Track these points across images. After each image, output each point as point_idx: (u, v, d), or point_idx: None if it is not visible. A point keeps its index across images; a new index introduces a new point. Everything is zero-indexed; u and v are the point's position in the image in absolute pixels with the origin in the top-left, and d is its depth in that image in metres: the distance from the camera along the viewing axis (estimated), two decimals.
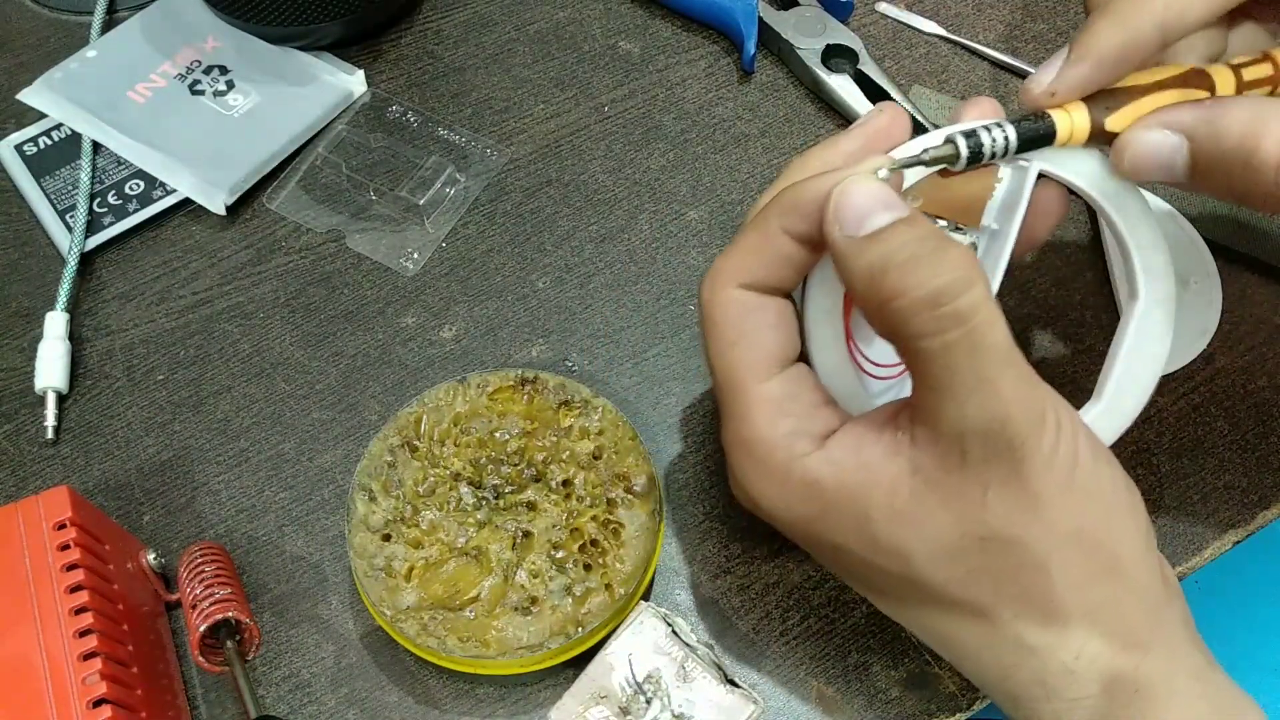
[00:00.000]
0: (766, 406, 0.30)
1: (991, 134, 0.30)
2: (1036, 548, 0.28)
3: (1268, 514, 0.43)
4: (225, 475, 0.44)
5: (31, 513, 0.35)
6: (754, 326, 0.31)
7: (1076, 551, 0.28)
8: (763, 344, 0.31)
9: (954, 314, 0.26)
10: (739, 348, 0.31)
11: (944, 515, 0.28)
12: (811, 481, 0.29)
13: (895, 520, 0.29)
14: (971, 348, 0.26)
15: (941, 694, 0.39)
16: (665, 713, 0.34)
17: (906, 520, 0.28)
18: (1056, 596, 0.28)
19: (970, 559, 0.28)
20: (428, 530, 0.39)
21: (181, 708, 0.38)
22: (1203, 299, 0.48)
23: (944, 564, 0.29)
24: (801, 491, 0.30)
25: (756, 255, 0.31)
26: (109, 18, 0.57)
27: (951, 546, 0.28)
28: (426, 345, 0.47)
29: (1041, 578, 0.28)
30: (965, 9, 0.58)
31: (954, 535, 0.28)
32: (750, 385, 0.30)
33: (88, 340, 0.47)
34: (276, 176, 0.52)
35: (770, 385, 0.30)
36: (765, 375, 0.30)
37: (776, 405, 0.30)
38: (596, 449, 0.41)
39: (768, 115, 0.54)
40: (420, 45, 0.57)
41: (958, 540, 0.28)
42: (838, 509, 0.29)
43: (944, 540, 0.28)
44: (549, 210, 0.51)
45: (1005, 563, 0.28)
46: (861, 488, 0.29)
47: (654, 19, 0.57)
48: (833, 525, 0.30)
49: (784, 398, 0.30)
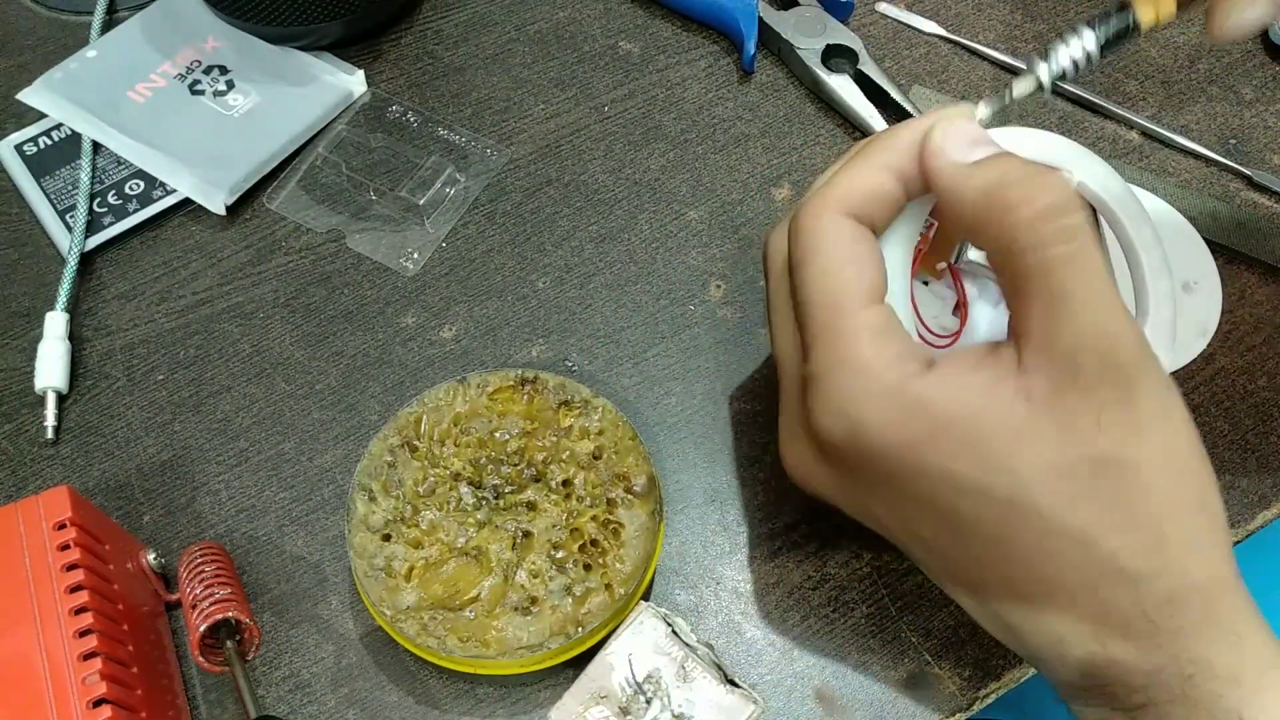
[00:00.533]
0: (874, 332, 0.30)
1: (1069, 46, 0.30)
2: (1143, 472, 0.28)
3: (1268, 514, 0.43)
4: (225, 475, 0.44)
5: (31, 513, 0.35)
6: (862, 253, 0.31)
7: (1176, 479, 0.28)
8: (869, 272, 0.30)
9: (1072, 227, 0.27)
10: (848, 271, 0.30)
11: (1058, 436, 0.28)
12: (926, 401, 0.29)
13: (1010, 438, 0.28)
14: (1086, 263, 0.27)
15: (941, 694, 0.39)
16: (665, 713, 0.34)
17: (1021, 438, 0.28)
18: (1158, 522, 0.28)
19: (1080, 482, 0.28)
20: (428, 530, 0.39)
21: (181, 708, 0.38)
22: (1203, 299, 0.48)
23: (1054, 484, 0.28)
24: (913, 411, 0.29)
25: (860, 189, 0.31)
26: (109, 18, 0.57)
27: (1063, 467, 0.28)
28: (426, 345, 0.47)
29: (1146, 503, 0.28)
30: (965, 9, 0.58)
31: (1067, 456, 0.28)
32: (857, 308, 0.30)
33: (88, 340, 0.47)
34: (276, 176, 0.52)
35: (877, 309, 0.30)
36: (871, 301, 0.30)
37: (884, 331, 0.30)
38: (596, 449, 0.41)
39: (768, 115, 0.54)
40: (420, 45, 0.57)
41: (1071, 461, 0.28)
42: (949, 429, 0.28)
43: (1057, 460, 0.28)
44: (549, 210, 0.51)
45: (1113, 486, 0.28)
46: (974, 408, 0.28)
47: (654, 19, 0.57)
48: (943, 447, 0.29)
49: (889, 324, 0.30)
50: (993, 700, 0.40)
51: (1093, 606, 0.29)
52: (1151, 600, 0.28)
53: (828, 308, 0.30)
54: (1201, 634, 0.28)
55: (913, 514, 0.31)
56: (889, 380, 0.29)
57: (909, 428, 0.29)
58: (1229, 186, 0.52)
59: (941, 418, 0.29)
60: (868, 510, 0.33)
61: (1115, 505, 0.28)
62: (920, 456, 0.29)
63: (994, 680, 0.39)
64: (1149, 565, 0.28)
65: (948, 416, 0.28)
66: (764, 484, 0.44)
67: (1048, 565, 0.29)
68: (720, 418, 0.45)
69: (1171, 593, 0.28)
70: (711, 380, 0.46)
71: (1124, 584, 0.28)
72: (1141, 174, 0.51)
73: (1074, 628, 0.29)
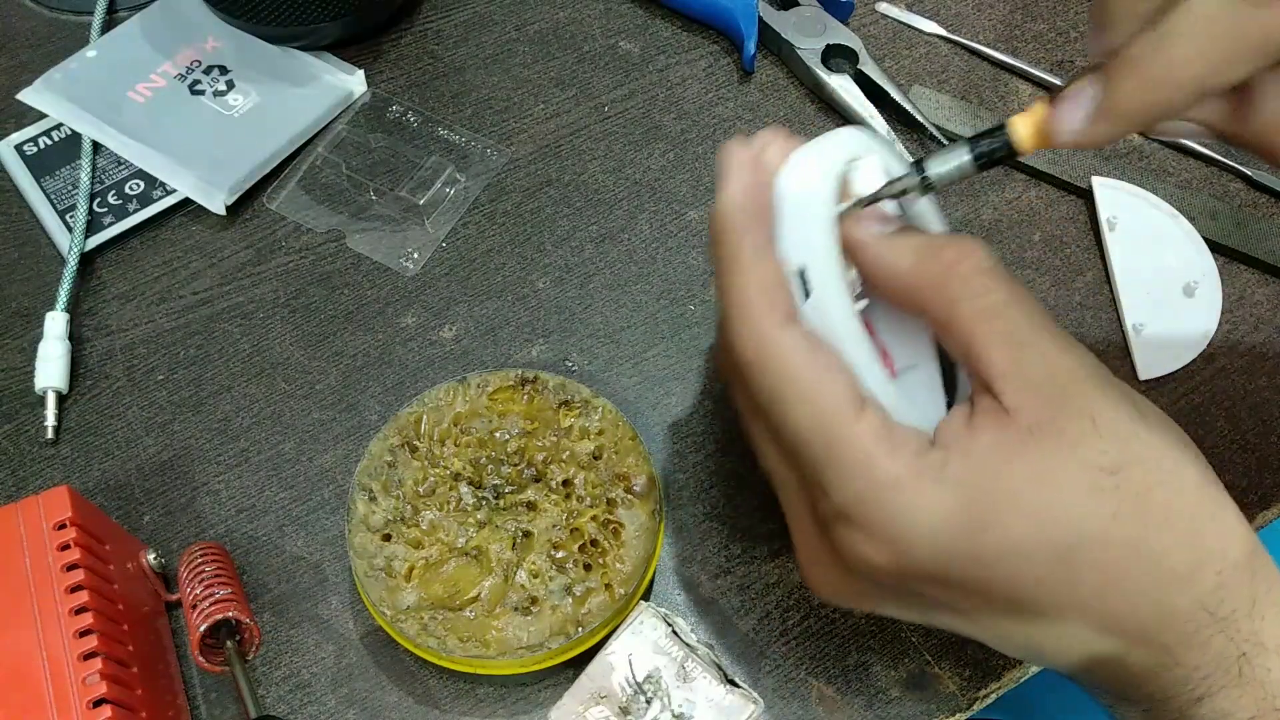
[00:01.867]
0: (883, 439, 0.28)
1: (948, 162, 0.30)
2: (1153, 466, 0.28)
3: (1268, 514, 0.43)
4: (225, 475, 0.44)
5: (31, 513, 0.35)
6: (827, 360, 0.29)
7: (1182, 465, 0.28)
8: (840, 377, 0.29)
9: (1007, 275, 0.29)
10: (824, 389, 0.28)
11: (1075, 458, 0.27)
12: (966, 484, 0.27)
13: (1042, 481, 0.27)
14: (1031, 304, 0.29)
15: (941, 694, 0.39)
16: (665, 713, 0.34)
17: (1050, 476, 0.27)
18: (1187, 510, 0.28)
19: (1109, 495, 0.27)
20: (428, 530, 0.39)
21: (181, 708, 0.38)
22: (1203, 299, 0.48)
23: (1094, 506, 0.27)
24: (962, 500, 0.27)
25: (781, 289, 0.29)
26: (109, 18, 0.57)
27: (1091, 485, 0.27)
28: (426, 345, 0.47)
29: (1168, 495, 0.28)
30: (965, 9, 0.58)
31: (1091, 475, 0.27)
32: (855, 427, 0.28)
33: (88, 340, 0.47)
34: (276, 176, 0.52)
35: (867, 415, 0.28)
36: (860, 410, 0.28)
37: (889, 434, 0.28)
38: (596, 449, 0.41)
39: (768, 115, 0.54)
40: (420, 45, 0.57)
41: (1094, 477, 0.27)
42: (995, 496, 0.27)
43: (1087, 483, 0.27)
44: (549, 210, 0.51)
45: (1137, 487, 0.28)
46: (1001, 468, 0.27)
47: (654, 19, 0.57)
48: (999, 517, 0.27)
49: (888, 424, 0.28)
50: (993, 700, 0.40)
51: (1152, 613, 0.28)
52: (1205, 590, 0.28)
53: (823, 440, 0.28)
54: (1252, 612, 0.28)
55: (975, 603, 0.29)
56: (925, 485, 0.28)
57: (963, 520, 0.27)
58: (1229, 186, 0.52)
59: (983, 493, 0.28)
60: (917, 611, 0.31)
61: (1147, 506, 0.28)
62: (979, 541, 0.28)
63: (994, 680, 0.39)
64: (1194, 556, 0.28)
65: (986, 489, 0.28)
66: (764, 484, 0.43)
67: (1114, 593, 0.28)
68: (720, 418, 0.45)
69: (1219, 579, 0.28)
70: (711, 380, 0.46)
71: (1177, 583, 0.28)
72: (1142, 174, 0.51)
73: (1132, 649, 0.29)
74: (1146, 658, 0.29)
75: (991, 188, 0.52)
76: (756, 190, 0.31)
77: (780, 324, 0.29)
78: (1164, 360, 0.46)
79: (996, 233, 0.50)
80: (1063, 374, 0.28)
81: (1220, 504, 0.29)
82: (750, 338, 0.29)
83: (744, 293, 0.29)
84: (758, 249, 0.30)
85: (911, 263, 0.30)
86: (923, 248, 0.30)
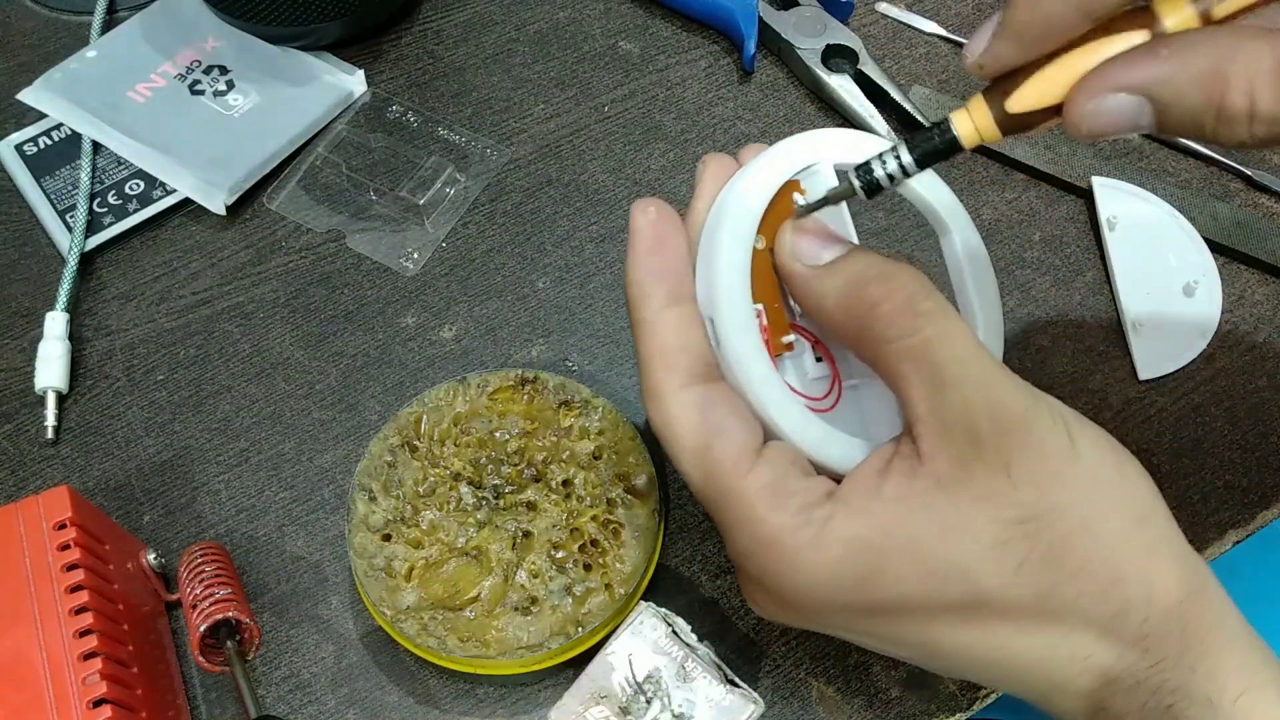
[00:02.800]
0: (766, 495, 0.29)
1: (885, 164, 0.29)
2: (1072, 513, 0.27)
3: (1268, 514, 0.43)
4: (225, 475, 0.44)
5: (31, 513, 0.35)
6: (717, 422, 0.30)
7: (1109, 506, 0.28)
8: (735, 435, 0.29)
9: (931, 310, 0.28)
10: (714, 450, 0.29)
11: (979, 510, 0.27)
12: (850, 539, 0.28)
13: (943, 536, 0.27)
14: (954, 339, 0.28)
15: (941, 694, 0.39)
16: (665, 713, 0.34)
17: (952, 531, 0.27)
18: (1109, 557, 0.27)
19: (1017, 546, 0.27)
20: (428, 530, 0.39)
21: (181, 708, 0.38)
22: (1203, 299, 0.48)
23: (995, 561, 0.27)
24: (844, 556, 0.28)
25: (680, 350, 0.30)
26: (109, 18, 0.57)
27: (997, 540, 0.27)
28: (426, 345, 0.47)
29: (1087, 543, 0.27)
30: (965, 9, 0.58)
31: (996, 526, 0.27)
32: (741, 483, 0.29)
33: (88, 340, 0.47)
34: (276, 176, 0.52)
35: (759, 472, 0.29)
36: (750, 465, 0.29)
37: (775, 489, 0.29)
38: (596, 449, 0.41)
39: (768, 115, 0.54)
40: (420, 45, 0.57)
41: (1001, 531, 0.27)
42: (885, 554, 0.28)
43: (988, 536, 0.27)
44: (549, 210, 0.51)
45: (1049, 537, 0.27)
46: (900, 522, 0.28)
47: (654, 19, 0.57)
48: (890, 573, 0.28)
49: (777, 478, 0.29)
50: (992, 700, 0.40)
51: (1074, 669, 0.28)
52: (1126, 640, 0.28)
53: (713, 494, 0.29)
54: (1180, 662, 0.28)
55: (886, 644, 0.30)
56: (806, 538, 0.28)
57: (850, 572, 0.28)
58: (1229, 186, 0.52)
59: (875, 545, 0.28)
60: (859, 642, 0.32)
61: (1059, 556, 0.27)
62: (872, 592, 0.28)
63: None
64: (1113, 603, 0.27)
65: (880, 542, 0.28)
66: None
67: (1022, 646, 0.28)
68: None
69: (1145, 627, 0.28)
70: None
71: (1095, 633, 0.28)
72: (1141, 174, 0.51)
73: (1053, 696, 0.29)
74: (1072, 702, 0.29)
75: (991, 188, 0.52)
76: (662, 243, 0.31)
77: (675, 388, 0.30)
78: (1164, 360, 0.46)
79: (996, 233, 0.50)
80: (982, 419, 0.27)
81: (1154, 547, 0.28)
82: (650, 402, 0.31)
83: (643, 358, 0.31)
84: (661, 309, 0.31)
85: (835, 301, 0.30)
86: (848, 285, 0.29)
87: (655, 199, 0.32)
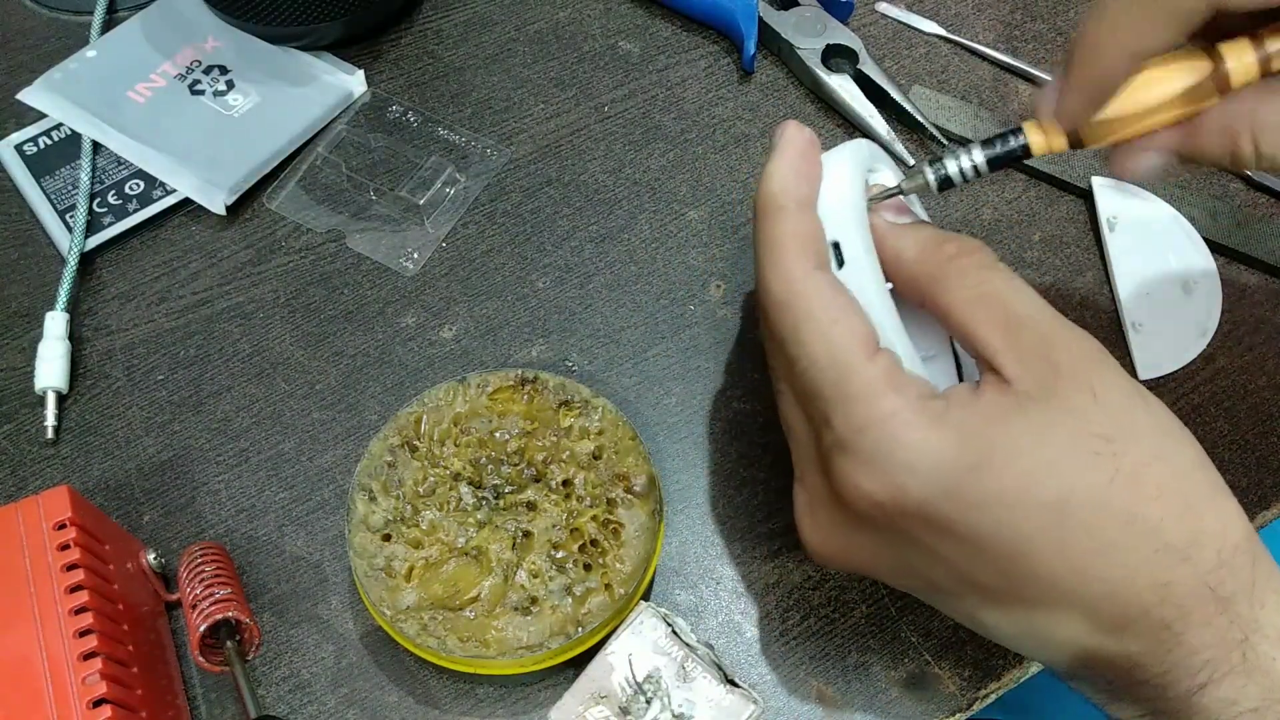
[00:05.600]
0: (888, 376, 0.29)
1: (960, 160, 0.33)
2: (1148, 440, 0.29)
3: (1268, 514, 0.43)
4: (225, 475, 0.44)
5: (31, 513, 0.35)
6: (845, 303, 0.31)
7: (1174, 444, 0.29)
8: (861, 320, 0.30)
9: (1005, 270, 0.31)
10: (841, 326, 0.30)
11: (1075, 421, 0.28)
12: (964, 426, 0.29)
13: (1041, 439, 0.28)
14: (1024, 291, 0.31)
15: (941, 694, 0.39)
16: (665, 713, 0.34)
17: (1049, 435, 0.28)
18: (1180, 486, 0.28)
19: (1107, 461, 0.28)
20: (428, 530, 0.39)
21: (181, 708, 0.38)
22: (1203, 299, 0.48)
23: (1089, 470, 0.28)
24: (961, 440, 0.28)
25: (814, 240, 0.32)
26: (109, 18, 0.57)
27: (1092, 449, 0.28)
28: (426, 345, 0.47)
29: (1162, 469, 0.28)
30: (965, 9, 0.58)
31: (1088, 440, 0.28)
32: (865, 361, 0.30)
33: (88, 340, 0.47)
34: (276, 176, 0.52)
35: (881, 356, 0.30)
36: (874, 349, 0.30)
37: (895, 374, 0.30)
38: (596, 449, 0.41)
39: (768, 115, 0.54)
40: (420, 45, 0.57)
41: (1093, 443, 0.28)
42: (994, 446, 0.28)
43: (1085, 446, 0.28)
44: (549, 210, 0.51)
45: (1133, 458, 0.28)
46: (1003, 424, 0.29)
47: (654, 19, 0.57)
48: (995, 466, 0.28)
49: (897, 367, 0.30)
50: (993, 700, 0.40)
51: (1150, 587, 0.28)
52: (1205, 567, 0.28)
53: (834, 372, 0.30)
54: (1252, 596, 0.28)
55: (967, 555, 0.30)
56: (924, 420, 0.29)
57: (961, 460, 0.28)
58: (1229, 186, 0.52)
59: (981, 438, 0.29)
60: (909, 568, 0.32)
61: (1142, 479, 0.28)
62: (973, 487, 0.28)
63: (994, 680, 0.39)
64: (1191, 533, 0.28)
65: (986, 437, 0.29)
66: (764, 484, 0.44)
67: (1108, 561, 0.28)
68: (720, 418, 0.45)
69: (1220, 557, 0.28)
70: (711, 380, 0.46)
71: (1175, 556, 0.28)
72: None
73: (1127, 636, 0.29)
74: (1145, 640, 0.28)
75: (991, 188, 0.52)
76: (806, 163, 0.33)
77: (810, 268, 0.31)
78: (1163, 360, 0.46)
79: (996, 233, 0.50)
80: (1060, 350, 0.29)
81: (1218, 488, 0.29)
82: (780, 277, 0.31)
83: (781, 238, 0.31)
84: (801, 205, 0.32)
85: (915, 253, 0.32)
86: (927, 240, 0.32)
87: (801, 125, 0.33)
